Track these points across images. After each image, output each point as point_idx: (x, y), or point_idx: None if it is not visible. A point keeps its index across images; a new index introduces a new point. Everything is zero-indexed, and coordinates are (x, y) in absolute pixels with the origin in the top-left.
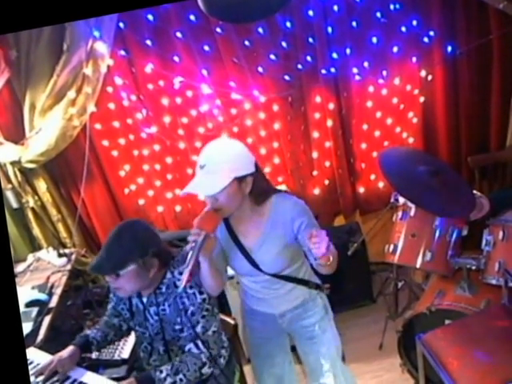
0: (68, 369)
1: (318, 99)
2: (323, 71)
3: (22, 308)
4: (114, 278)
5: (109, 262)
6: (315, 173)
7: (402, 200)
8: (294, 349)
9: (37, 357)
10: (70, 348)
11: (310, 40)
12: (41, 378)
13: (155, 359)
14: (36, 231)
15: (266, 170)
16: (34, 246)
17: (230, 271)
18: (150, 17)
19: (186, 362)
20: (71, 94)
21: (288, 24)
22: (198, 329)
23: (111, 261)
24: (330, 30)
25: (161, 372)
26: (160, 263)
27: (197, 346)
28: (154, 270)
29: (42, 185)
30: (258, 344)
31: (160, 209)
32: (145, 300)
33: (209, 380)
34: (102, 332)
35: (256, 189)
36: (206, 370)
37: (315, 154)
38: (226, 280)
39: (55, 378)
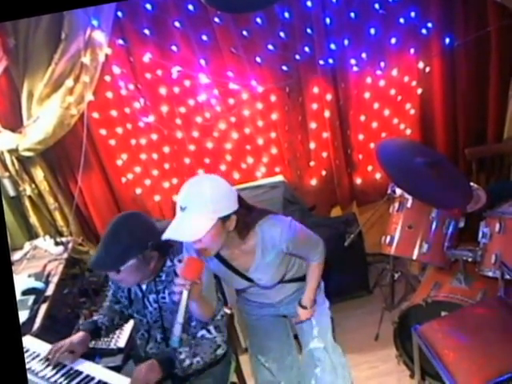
0: (79, 353)
1: (316, 90)
2: (321, 62)
3: (18, 296)
4: (114, 272)
5: (108, 260)
6: (312, 163)
7: (398, 191)
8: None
9: (33, 345)
10: (80, 334)
11: (308, 31)
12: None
13: (152, 347)
14: (33, 219)
15: (264, 160)
16: (31, 235)
17: None
18: (149, 6)
19: (202, 345)
20: (69, 82)
21: (286, 14)
22: None
23: (111, 258)
24: (328, 20)
25: (180, 353)
26: (160, 254)
27: (209, 331)
28: (153, 262)
29: (39, 173)
30: (255, 321)
31: (157, 198)
32: (144, 287)
33: (206, 369)
34: (109, 317)
35: (240, 224)
36: (220, 352)
37: (312, 145)
38: (216, 306)
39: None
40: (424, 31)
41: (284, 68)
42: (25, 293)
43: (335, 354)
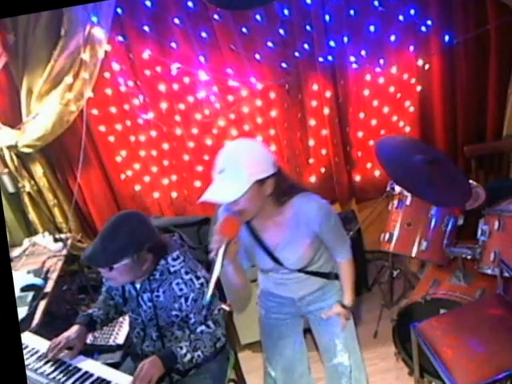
0: (78, 348)
1: (315, 87)
2: (320, 59)
3: (17, 292)
4: (107, 269)
5: (103, 256)
6: (311, 160)
7: (397, 189)
8: (305, 332)
9: (32, 341)
10: (76, 327)
11: (308, 28)
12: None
13: (148, 345)
14: (32, 216)
15: None
16: (30, 231)
17: None
18: (148, 3)
19: (203, 339)
20: (68, 79)
21: (286, 11)
22: (205, 312)
23: (105, 254)
24: (327, 18)
25: (181, 348)
26: (154, 257)
27: (208, 326)
28: (147, 264)
29: (38, 169)
30: (271, 324)
31: (156, 195)
32: (138, 286)
33: (203, 365)
34: (104, 310)
35: (277, 190)
36: (219, 344)
37: (312, 142)
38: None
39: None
40: (423, 29)
41: (283, 65)
42: (24, 289)
43: (355, 363)
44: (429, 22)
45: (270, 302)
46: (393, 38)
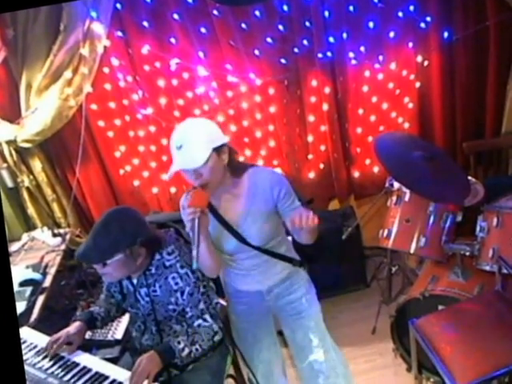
0: (76, 344)
1: (314, 83)
2: (319, 55)
3: (15, 287)
4: (101, 265)
5: (95, 252)
6: (310, 156)
7: (396, 185)
8: (279, 334)
9: (30, 336)
10: (76, 324)
11: (307, 24)
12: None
13: (147, 338)
14: (31, 211)
15: (262, 152)
16: (29, 226)
17: None
18: None
19: (200, 333)
20: (67, 74)
21: (285, 7)
22: (202, 305)
23: (98, 250)
24: (326, 14)
25: (179, 343)
26: (147, 251)
27: (205, 320)
28: (141, 258)
29: (37, 164)
30: (244, 328)
31: (155, 190)
32: (135, 281)
33: (201, 361)
34: (105, 308)
35: (233, 160)
36: (217, 338)
37: (310, 138)
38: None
39: (55, 358)
40: (423, 25)
41: (282, 61)
42: (22, 284)
43: (336, 358)
44: (428, 19)
45: (239, 305)
46: (392, 34)
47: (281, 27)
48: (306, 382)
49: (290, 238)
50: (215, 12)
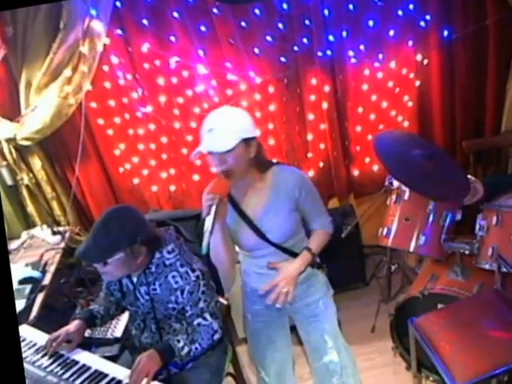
0: (76, 342)
1: (314, 81)
2: (319, 53)
3: (15, 285)
4: (101, 265)
5: (96, 251)
6: (310, 155)
7: (396, 183)
8: (292, 330)
9: (29, 334)
10: (76, 322)
11: (307, 22)
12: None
13: (147, 336)
14: (30, 208)
15: None
16: (28, 224)
17: None
18: None
19: (200, 332)
20: (67, 72)
21: (284, 6)
22: (201, 304)
23: (98, 249)
24: (326, 12)
25: (178, 341)
26: (148, 250)
27: (205, 318)
28: (141, 257)
29: (36, 162)
30: (259, 328)
31: (154, 188)
32: (135, 280)
33: (201, 359)
34: (104, 307)
35: (259, 155)
36: (217, 336)
37: (310, 136)
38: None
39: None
40: (422, 23)
41: (282, 59)
42: (22, 282)
43: (347, 358)
44: (428, 17)
45: (255, 304)
46: (392, 32)
47: (280, 25)
48: (319, 381)
49: None
50: (215, 10)
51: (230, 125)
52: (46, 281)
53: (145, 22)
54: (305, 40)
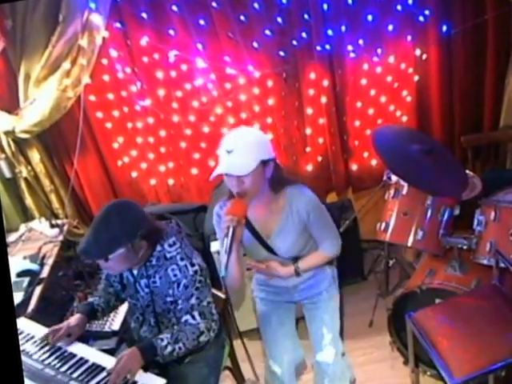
0: (75, 336)
1: (313, 76)
2: (318, 48)
3: (13, 278)
4: (103, 260)
5: (97, 248)
6: (308, 149)
7: (394, 178)
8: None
9: (27, 327)
10: (77, 316)
11: (306, 16)
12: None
13: (145, 330)
14: (29, 201)
15: None
16: (27, 216)
17: None
18: None
19: (185, 331)
20: (66, 65)
21: (284, 0)
22: (193, 300)
23: (99, 246)
24: (325, 6)
25: (162, 340)
26: (149, 243)
27: (193, 317)
28: (142, 251)
29: (35, 155)
30: (269, 310)
31: (153, 182)
32: (135, 272)
33: (199, 353)
34: (104, 299)
35: (275, 175)
36: (203, 339)
37: (308, 131)
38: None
39: (52, 349)
40: (421, 18)
41: (281, 53)
42: (20, 275)
43: (344, 365)
44: (427, 12)
45: (263, 292)
46: (390, 27)
47: (279, 20)
48: (315, 377)
49: None
50: (214, 4)
51: (249, 146)
52: (44, 274)
53: (144, 15)
54: (304, 34)
